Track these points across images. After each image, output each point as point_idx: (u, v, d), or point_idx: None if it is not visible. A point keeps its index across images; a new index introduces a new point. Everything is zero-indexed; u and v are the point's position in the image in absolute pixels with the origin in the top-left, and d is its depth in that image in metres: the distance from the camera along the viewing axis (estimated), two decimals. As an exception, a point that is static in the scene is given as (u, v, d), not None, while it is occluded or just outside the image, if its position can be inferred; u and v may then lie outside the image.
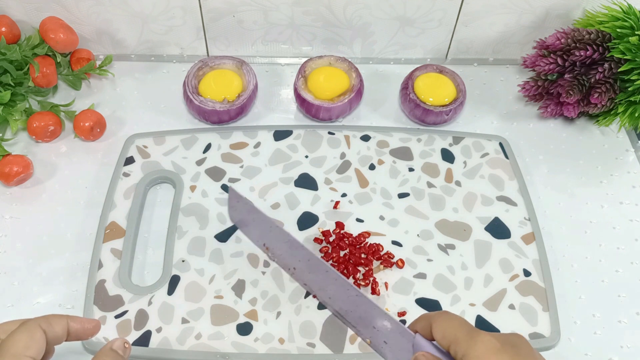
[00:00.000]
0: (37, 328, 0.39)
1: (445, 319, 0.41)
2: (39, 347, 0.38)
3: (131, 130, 0.64)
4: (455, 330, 0.40)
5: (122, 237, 0.55)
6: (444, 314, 0.42)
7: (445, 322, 0.41)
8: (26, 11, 0.66)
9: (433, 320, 0.42)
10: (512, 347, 0.38)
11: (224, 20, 0.68)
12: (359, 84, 0.65)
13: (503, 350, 0.37)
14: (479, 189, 0.60)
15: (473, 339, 0.39)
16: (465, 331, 0.40)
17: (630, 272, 0.56)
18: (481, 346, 0.38)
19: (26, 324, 0.39)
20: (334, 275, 0.46)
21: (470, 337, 0.39)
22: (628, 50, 0.59)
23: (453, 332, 0.40)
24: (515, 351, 0.37)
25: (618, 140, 0.66)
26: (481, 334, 0.38)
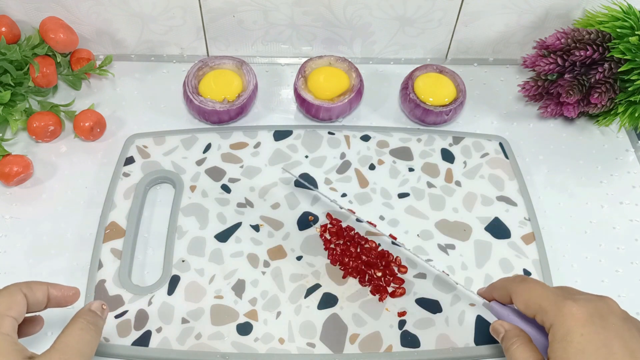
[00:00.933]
0: (18, 291, 0.40)
1: (526, 289, 0.41)
2: (20, 308, 0.40)
3: (131, 130, 0.64)
4: (539, 300, 0.40)
5: (122, 237, 0.55)
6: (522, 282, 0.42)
7: (527, 292, 0.41)
8: (26, 11, 0.66)
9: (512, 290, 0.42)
10: (600, 318, 0.38)
11: (224, 20, 0.68)
12: (359, 84, 0.65)
13: (590, 321, 0.37)
14: (479, 189, 0.60)
15: (560, 310, 0.38)
16: (552, 300, 0.39)
17: (630, 272, 0.56)
18: (569, 317, 0.38)
19: (8, 287, 0.40)
20: None
21: (557, 308, 0.39)
22: (628, 50, 0.59)
23: (537, 301, 0.40)
24: (603, 323, 0.37)
25: (618, 140, 0.66)
26: (567, 304, 0.38)
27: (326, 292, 0.53)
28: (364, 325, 0.51)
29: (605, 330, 0.37)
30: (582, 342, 0.37)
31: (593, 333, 0.37)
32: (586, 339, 0.37)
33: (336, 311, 0.52)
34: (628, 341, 0.37)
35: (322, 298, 0.52)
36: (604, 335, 0.37)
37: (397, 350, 0.50)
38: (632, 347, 0.37)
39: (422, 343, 0.50)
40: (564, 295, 0.40)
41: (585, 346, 0.36)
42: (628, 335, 0.37)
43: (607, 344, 0.36)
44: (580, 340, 0.37)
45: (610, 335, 0.37)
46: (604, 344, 0.36)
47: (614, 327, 0.37)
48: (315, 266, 0.54)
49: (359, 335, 0.50)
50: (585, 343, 0.37)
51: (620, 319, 0.38)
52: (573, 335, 0.37)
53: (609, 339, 0.37)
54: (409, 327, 0.51)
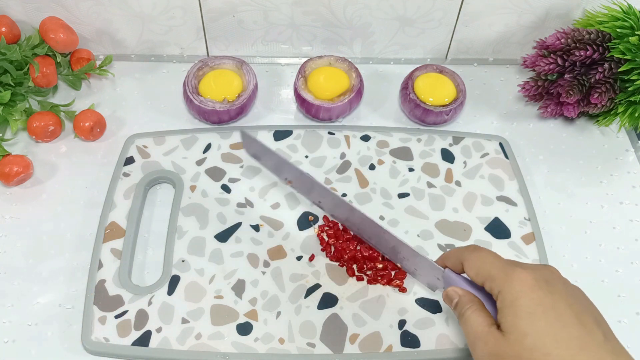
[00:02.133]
0: None
1: (477, 257, 0.43)
2: None
3: (131, 130, 0.64)
4: (489, 267, 0.41)
5: (122, 237, 0.55)
6: (474, 250, 0.43)
7: (478, 260, 0.42)
8: (26, 11, 0.66)
9: (464, 258, 0.43)
10: (546, 283, 0.39)
11: (224, 20, 0.68)
12: (359, 84, 0.65)
13: (537, 286, 0.38)
14: (479, 189, 0.60)
15: (508, 276, 0.40)
16: (500, 267, 0.41)
17: (630, 272, 0.56)
18: (517, 283, 0.39)
19: None
20: (359, 214, 0.49)
21: (505, 274, 0.40)
22: (628, 50, 0.59)
23: (487, 268, 0.41)
24: (550, 288, 0.39)
25: (618, 140, 0.66)
26: (516, 271, 0.39)
27: (326, 292, 0.53)
28: (364, 325, 0.51)
29: (552, 294, 0.38)
30: (531, 305, 0.38)
31: (541, 297, 0.38)
32: (535, 302, 0.38)
33: (336, 311, 0.52)
34: (573, 304, 0.38)
35: (322, 298, 0.52)
36: (551, 298, 0.38)
37: (397, 350, 0.50)
38: (576, 309, 0.38)
39: (422, 343, 0.50)
40: (512, 263, 0.41)
41: (535, 309, 0.38)
42: (572, 299, 0.39)
43: (554, 306, 0.38)
44: (529, 304, 0.38)
45: (556, 298, 0.38)
46: (551, 307, 0.38)
47: (560, 292, 0.39)
48: (315, 266, 0.54)
49: (359, 335, 0.50)
50: (534, 306, 0.38)
51: (564, 284, 0.40)
52: (522, 300, 0.38)
53: (556, 301, 0.38)
54: (409, 327, 0.51)
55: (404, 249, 0.48)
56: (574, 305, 0.38)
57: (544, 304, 0.38)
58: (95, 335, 0.50)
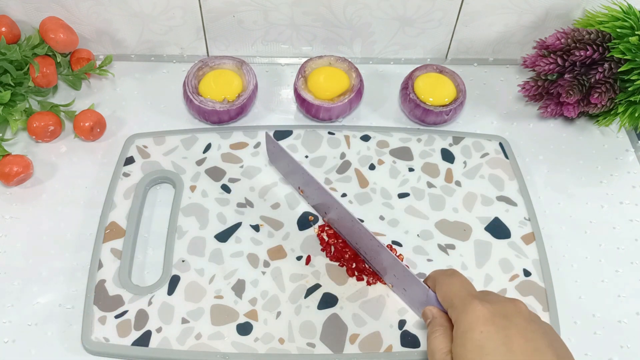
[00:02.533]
0: None
1: (446, 283, 0.43)
2: None
3: (131, 130, 0.64)
4: (452, 296, 0.42)
5: (122, 237, 0.55)
6: (447, 276, 0.44)
7: (445, 286, 0.43)
8: (26, 11, 0.66)
9: (437, 281, 0.44)
10: (503, 318, 0.38)
11: (224, 20, 0.68)
12: (359, 84, 0.65)
13: (491, 321, 0.38)
14: (479, 189, 0.60)
15: (465, 307, 0.40)
16: (461, 297, 0.41)
17: (630, 272, 0.56)
18: (471, 315, 0.39)
19: None
20: (359, 226, 0.50)
21: (463, 305, 0.40)
22: (628, 50, 0.59)
23: (450, 297, 0.42)
24: (505, 323, 0.38)
25: (618, 140, 0.66)
26: (473, 303, 0.40)
27: (326, 292, 0.53)
28: (364, 325, 0.51)
29: (506, 330, 0.38)
30: (481, 339, 0.38)
31: (493, 332, 0.38)
32: (485, 337, 0.38)
33: (336, 311, 0.52)
34: (531, 340, 0.38)
35: (322, 298, 0.52)
36: (504, 334, 0.38)
37: (397, 350, 0.50)
38: (535, 345, 0.37)
39: (422, 343, 0.50)
40: (475, 295, 0.41)
41: (484, 343, 0.37)
42: (531, 335, 0.38)
43: (506, 342, 0.37)
44: (479, 337, 0.38)
45: (511, 334, 0.38)
46: (503, 342, 0.37)
47: (517, 327, 0.38)
48: (315, 266, 0.54)
49: (359, 335, 0.50)
50: (484, 340, 0.38)
51: (526, 320, 0.39)
52: (473, 332, 0.38)
53: (510, 337, 0.37)
54: (409, 327, 0.51)
55: (398, 267, 0.49)
56: (533, 341, 0.37)
57: (494, 339, 0.37)
58: (95, 335, 0.50)
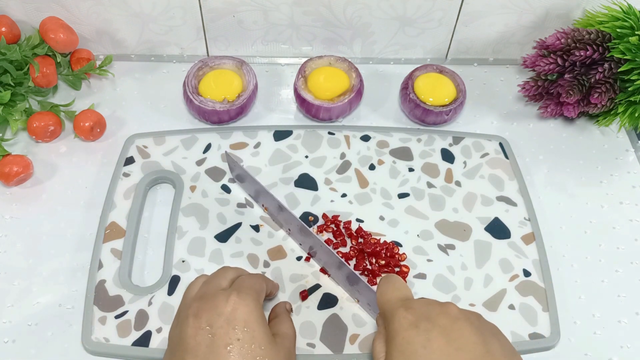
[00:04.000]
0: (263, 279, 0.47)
1: (379, 292, 0.44)
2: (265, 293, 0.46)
3: (131, 130, 0.64)
4: (383, 303, 0.43)
5: (122, 237, 0.55)
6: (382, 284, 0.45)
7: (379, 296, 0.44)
8: (26, 11, 0.66)
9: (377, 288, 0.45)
10: (425, 322, 0.39)
11: (224, 20, 0.68)
12: (359, 84, 0.65)
13: (413, 325, 0.39)
14: (479, 189, 0.60)
15: (392, 314, 0.41)
16: (389, 305, 0.42)
17: (630, 272, 0.56)
18: (396, 322, 0.40)
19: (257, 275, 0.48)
20: (319, 242, 0.51)
21: (391, 312, 0.41)
22: (628, 50, 0.59)
23: (382, 306, 0.43)
24: (427, 326, 0.39)
25: (618, 140, 0.66)
26: (399, 310, 0.41)
27: (326, 292, 0.53)
28: (364, 325, 0.51)
29: (427, 333, 0.38)
30: (402, 344, 0.39)
31: (413, 336, 0.38)
32: (406, 341, 0.39)
33: (336, 311, 0.52)
34: (454, 340, 0.38)
35: (322, 298, 0.52)
36: (424, 337, 0.38)
37: (397, 350, 0.50)
38: (458, 344, 0.38)
39: (422, 343, 0.50)
40: (402, 302, 0.42)
41: (405, 348, 0.38)
42: (456, 334, 0.38)
43: (426, 345, 0.38)
44: (401, 342, 0.39)
45: (432, 336, 0.38)
46: (422, 345, 0.38)
47: (440, 329, 0.38)
48: (315, 266, 0.54)
49: (359, 335, 0.50)
50: (405, 345, 0.38)
51: (451, 320, 0.39)
52: (396, 338, 0.39)
53: (430, 340, 0.38)
54: (409, 327, 0.51)
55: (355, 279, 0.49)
56: (454, 342, 0.38)
57: (413, 343, 0.38)
58: (96, 336, 0.50)
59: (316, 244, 0.52)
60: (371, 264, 0.54)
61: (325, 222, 0.57)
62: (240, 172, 0.57)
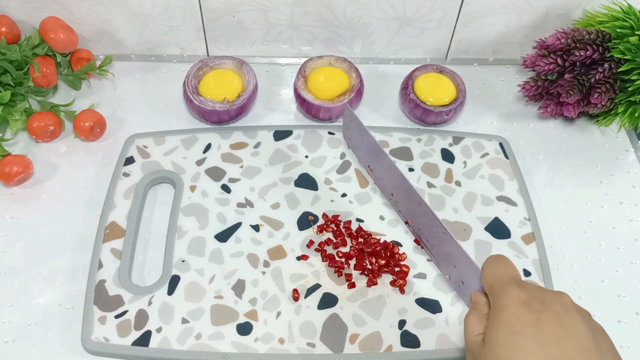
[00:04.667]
0: None
1: (488, 268, 0.43)
2: None
3: (131, 130, 0.64)
4: (492, 280, 0.42)
5: (122, 237, 0.55)
6: (492, 261, 0.43)
7: (488, 271, 0.43)
8: (26, 11, 0.66)
9: (483, 266, 0.44)
10: (539, 303, 0.38)
11: (224, 20, 0.68)
12: (359, 84, 0.65)
13: (525, 304, 0.38)
14: (479, 189, 0.60)
15: (502, 291, 0.40)
16: (501, 281, 0.41)
17: (630, 272, 0.56)
18: (506, 298, 0.39)
19: None
20: (425, 209, 0.50)
21: (501, 289, 0.40)
22: (628, 50, 0.59)
23: (490, 281, 0.42)
24: (540, 307, 0.38)
25: (618, 140, 0.66)
26: (511, 287, 0.39)
27: (326, 292, 0.53)
28: (364, 325, 0.51)
29: (540, 314, 0.37)
30: (511, 319, 0.37)
31: (524, 313, 0.37)
32: (516, 317, 0.37)
33: (336, 311, 0.52)
34: (566, 327, 0.37)
35: (322, 298, 0.52)
36: (536, 316, 0.37)
37: (397, 350, 0.50)
38: (570, 332, 0.37)
39: (422, 343, 0.50)
40: (515, 281, 0.40)
41: (514, 322, 0.37)
42: (569, 322, 0.37)
43: (536, 324, 0.37)
44: (509, 318, 0.38)
45: (544, 318, 0.37)
46: (532, 324, 0.37)
47: (553, 313, 0.37)
48: (315, 266, 0.54)
49: (359, 335, 0.50)
50: (514, 320, 0.37)
51: (565, 308, 0.38)
52: (504, 313, 0.38)
53: (542, 320, 0.37)
54: (409, 327, 0.51)
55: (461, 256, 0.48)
56: (566, 329, 0.37)
57: (523, 320, 0.37)
58: (95, 335, 0.50)
59: (421, 209, 0.50)
60: (371, 263, 0.54)
61: (325, 222, 0.57)
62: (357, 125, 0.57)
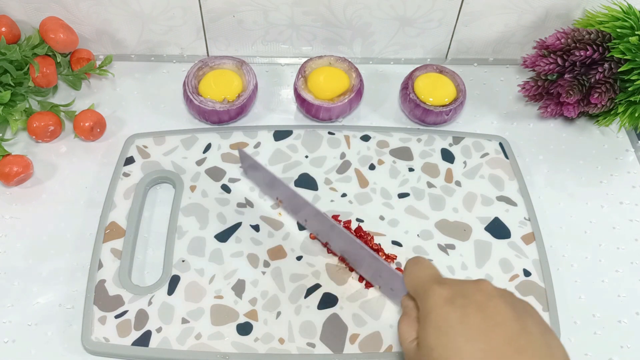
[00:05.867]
0: None
1: (408, 273, 0.43)
2: None
3: (131, 130, 0.64)
4: (415, 282, 0.42)
5: (122, 237, 0.55)
6: (411, 264, 0.44)
7: (409, 275, 0.43)
8: (26, 11, 0.66)
9: (404, 271, 0.44)
10: (461, 298, 0.38)
11: (224, 20, 0.68)
12: (359, 84, 0.65)
13: (449, 301, 0.38)
14: (479, 189, 0.60)
15: (426, 292, 0.40)
16: (422, 283, 0.41)
17: (630, 272, 0.56)
18: (431, 299, 0.39)
19: None
20: (338, 230, 0.50)
21: (424, 290, 0.40)
22: (628, 50, 0.59)
23: (414, 284, 0.42)
24: (464, 302, 0.38)
25: (618, 140, 0.66)
26: (433, 287, 0.40)
27: (326, 292, 0.53)
28: (364, 325, 0.51)
29: (464, 308, 0.37)
30: (438, 320, 0.38)
31: (449, 312, 0.38)
32: (442, 317, 0.38)
33: (336, 311, 0.52)
34: (491, 316, 0.37)
35: (322, 298, 0.52)
36: (461, 312, 0.37)
37: (397, 350, 0.50)
38: (496, 320, 0.37)
39: (422, 343, 0.50)
40: (436, 280, 0.41)
41: (441, 324, 0.37)
42: (492, 310, 0.37)
43: (463, 321, 0.37)
44: (437, 319, 0.38)
45: (469, 312, 0.37)
46: (459, 321, 0.37)
47: (477, 304, 0.38)
48: (315, 266, 0.54)
49: (359, 335, 0.50)
50: (441, 321, 0.38)
51: (487, 296, 0.38)
52: (431, 315, 0.38)
53: (467, 315, 0.37)
54: (409, 327, 0.51)
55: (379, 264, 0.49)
56: (491, 318, 0.37)
57: (449, 319, 0.37)
58: (95, 335, 0.50)
59: (334, 231, 0.51)
60: None
61: None
62: (252, 164, 0.57)
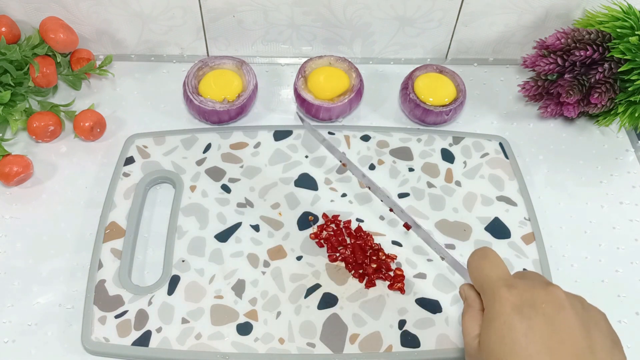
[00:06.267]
0: None
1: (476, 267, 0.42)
2: None
3: (131, 130, 0.64)
4: (482, 280, 0.41)
5: (122, 237, 0.55)
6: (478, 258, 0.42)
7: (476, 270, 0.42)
8: (26, 11, 0.66)
9: (468, 264, 0.43)
10: (529, 308, 0.37)
11: (224, 20, 0.68)
12: (359, 84, 0.65)
13: (516, 311, 0.37)
14: (479, 189, 0.60)
15: (493, 295, 0.39)
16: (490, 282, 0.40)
17: (630, 272, 0.56)
18: (497, 304, 0.38)
19: None
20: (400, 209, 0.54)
21: (492, 292, 0.39)
22: (628, 50, 0.59)
23: (480, 281, 0.41)
24: (531, 313, 0.37)
25: (618, 140, 0.66)
26: (501, 290, 0.38)
27: (326, 292, 0.53)
28: (364, 325, 0.51)
29: (530, 320, 0.37)
30: (503, 329, 0.37)
31: (517, 322, 0.37)
32: (507, 327, 0.37)
33: (336, 311, 0.52)
34: (558, 332, 0.36)
35: (322, 298, 0.52)
36: (527, 324, 0.36)
37: (397, 350, 0.50)
38: (562, 337, 0.36)
39: (422, 343, 0.50)
40: (504, 280, 0.39)
41: (506, 333, 0.37)
42: (560, 325, 0.36)
43: (528, 334, 0.36)
44: (501, 327, 0.37)
45: (535, 324, 0.36)
46: (524, 334, 0.36)
47: (544, 317, 0.37)
48: (315, 266, 0.54)
49: (359, 335, 0.50)
50: (505, 331, 0.37)
51: (556, 308, 0.37)
52: (496, 322, 0.37)
53: (533, 328, 0.36)
54: (409, 327, 0.51)
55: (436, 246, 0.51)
56: (558, 334, 0.36)
57: (515, 330, 0.36)
58: (95, 335, 0.50)
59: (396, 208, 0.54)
60: (366, 265, 0.54)
61: (325, 222, 0.57)
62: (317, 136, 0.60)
